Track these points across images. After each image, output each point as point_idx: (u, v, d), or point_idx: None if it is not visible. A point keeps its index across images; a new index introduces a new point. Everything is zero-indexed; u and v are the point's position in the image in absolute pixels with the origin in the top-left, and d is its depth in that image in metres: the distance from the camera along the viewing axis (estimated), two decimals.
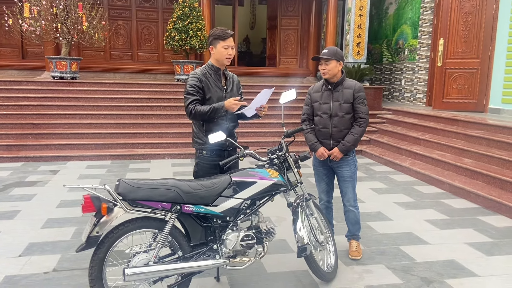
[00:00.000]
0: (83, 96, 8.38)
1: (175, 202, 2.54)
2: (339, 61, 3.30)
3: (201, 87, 2.96)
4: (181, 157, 7.33)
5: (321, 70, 3.35)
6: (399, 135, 7.85)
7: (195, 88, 2.94)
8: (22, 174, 5.93)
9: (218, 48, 2.98)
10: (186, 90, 2.96)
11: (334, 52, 3.29)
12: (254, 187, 2.75)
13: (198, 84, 2.95)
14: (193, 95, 2.94)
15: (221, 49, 2.98)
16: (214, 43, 3.00)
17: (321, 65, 3.33)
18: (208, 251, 2.69)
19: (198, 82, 2.96)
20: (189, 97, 2.94)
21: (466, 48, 7.85)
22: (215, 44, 2.99)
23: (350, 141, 3.35)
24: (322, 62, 3.31)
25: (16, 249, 3.53)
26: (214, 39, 2.99)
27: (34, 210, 4.47)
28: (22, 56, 10.81)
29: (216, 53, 3.01)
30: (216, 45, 2.99)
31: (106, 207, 2.39)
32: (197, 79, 2.96)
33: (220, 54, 2.99)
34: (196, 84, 2.95)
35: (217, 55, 3.01)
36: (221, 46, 2.97)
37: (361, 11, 10.02)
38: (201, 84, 2.96)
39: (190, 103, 2.92)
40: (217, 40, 2.98)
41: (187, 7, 9.23)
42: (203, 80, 2.98)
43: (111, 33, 10.71)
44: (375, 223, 4.37)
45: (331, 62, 3.28)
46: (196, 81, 2.96)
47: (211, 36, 3.01)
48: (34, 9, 8.41)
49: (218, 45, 2.98)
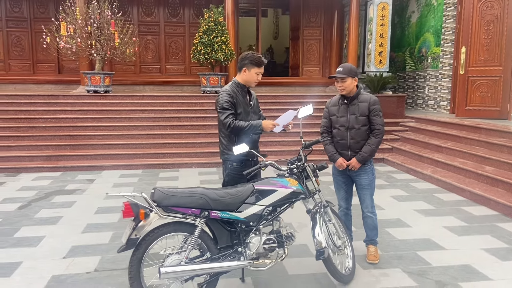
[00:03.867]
0: (115, 109, 8.86)
1: (203, 208, 2.82)
2: (354, 77, 3.53)
3: (233, 102, 3.27)
4: (207, 166, 7.66)
5: (338, 88, 3.58)
6: (422, 143, 7.93)
7: (228, 103, 3.25)
8: (61, 182, 6.38)
9: (251, 72, 3.30)
10: (221, 105, 3.25)
11: (349, 70, 3.52)
12: (275, 195, 3.00)
13: (231, 100, 3.26)
14: (228, 109, 3.24)
15: (254, 74, 3.31)
16: (248, 67, 3.30)
17: (337, 82, 3.56)
18: (234, 253, 2.95)
19: (230, 97, 3.26)
20: (225, 111, 3.24)
21: (489, 56, 7.88)
22: (249, 68, 3.30)
23: (367, 152, 3.56)
24: (338, 80, 3.53)
25: (60, 252, 3.89)
26: (250, 63, 3.29)
27: (75, 216, 4.87)
28: (58, 71, 11.47)
29: (247, 75, 3.32)
30: (250, 69, 3.30)
31: (144, 213, 2.69)
32: (229, 95, 3.27)
33: (251, 77, 3.32)
34: (229, 99, 3.25)
35: (249, 77, 3.33)
36: (255, 72, 3.31)
37: (383, 21, 10.18)
38: (233, 99, 3.27)
39: (227, 116, 3.22)
40: (252, 65, 3.29)
41: (212, 22, 9.62)
42: (234, 96, 3.29)
43: (141, 48, 11.24)
44: (394, 230, 4.53)
45: (347, 80, 3.51)
46: (228, 97, 3.26)
47: (247, 59, 3.31)
48: (70, 28, 8.98)
49: (252, 69, 3.30)
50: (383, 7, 10.06)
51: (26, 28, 11.19)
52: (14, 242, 4.10)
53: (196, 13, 11.68)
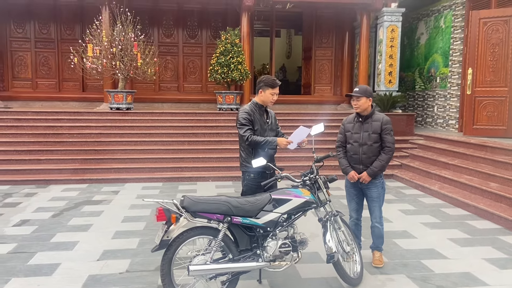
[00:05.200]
0: (137, 125, 9.37)
1: (226, 214, 3.19)
2: (368, 97, 3.91)
3: (251, 120, 3.70)
4: (223, 179, 8.05)
5: (353, 105, 3.98)
6: (430, 160, 8.22)
7: (246, 120, 3.68)
8: (88, 194, 6.83)
9: (266, 93, 3.74)
10: (240, 121, 3.69)
11: (364, 90, 3.91)
12: (290, 203, 3.37)
13: (249, 117, 3.69)
14: (247, 125, 3.67)
15: (269, 94, 3.74)
16: (264, 88, 3.74)
17: (353, 100, 3.96)
18: (253, 255, 3.31)
19: (248, 116, 3.70)
20: (243, 127, 3.67)
21: (494, 77, 8.21)
22: (264, 90, 3.73)
23: (377, 167, 3.91)
24: (354, 98, 3.93)
25: (94, 255, 4.29)
26: (265, 86, 3.73)
27: (104, 224, 5.28)
28: (82, 89, 12.09)
29: (263, 96, 3.75)
30: (265, 91, 3.73)
31: (175, 217, 3.08)
32: (247, 114, 3.70)
33: (267, 98, 3.76)
34: (247, 117, 3.69)
35: (264, 98, 3.76)
36: (270, 93, 3.74)
37: (392, 42, 10.58)
38: (251, 117, 3.70)
39: (245, 131, 3.65)
40: (267, 87, 3.73)
41: (229, 44, 10.15)
42: (251, 114, 3.71)
43: (161, 68, 11.83)
44: (401, 240, 4.83)
45: (362, 99, 3.89)
46: (247, 115, 3.70)
47: (262, 82, 3.75)
48: (96, 49, 9.59)
49: (267, 91, 3.73)
50: (392, 30, 10.48)
51: (54, 49, 11.88)
52: (51, 246, 4.51)
53: (213, 35, 12.28)
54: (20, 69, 11.81)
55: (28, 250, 4.38)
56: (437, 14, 10.80)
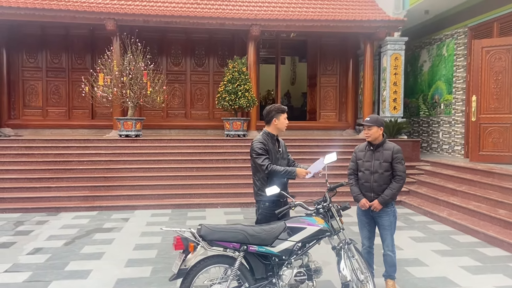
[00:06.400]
0: (145, 152, 9.50)
1: (243, 242, 3.25)
2: (379, 127, 4.02)
3: (266, 149, 3.79)
4: (232, 206, 8.09)
5: (365, 134, 4.08)
6: (437, 186, 8.25)
7: (262, 149, 3.78)
8: (99, 221, 6.88)
9: (281, 119, 3.86)
10: (256, 151, 3.78)
11: (375, 120, 4.02)
12: (304, 231, 3.43)
13: (264, 147, 3.80)
14: (264, 155, 3.77)
15: (283, 119, 3.87)
16: (277, 116, 3.86)
17: (365, 129, 4.07)
18: (268, 284, 3.35)
19: (263, 145, 3.80)
20: (261, 157, 3.75)
21: (499, 104, 8.33)
22: (278, 117, 3.85)
23: (388, 195, 3.98)
24: (365, 127, 4.04)
25: (108, 284, 4.32)
26: (277, 113, 3.86)
27: (116, 252, 5.32)
28: (91, 117, 12.28)
29: (279, 123, 3.87)
30: (279, 117, 3.86)
31: (193, 246, 3.14)
32: (262, 143, 3.81)
33: (282, 123, 3.88)
34: (263, 147, 3.79)
35: (280, 124, 3.88)
36: (283, 118, 3.87)
37: (396, 70, 10.80)
38: (265, 146, 3.80)
39: (264, 160, 3.73)
40: (279, 113, 3.86)
41: (236, 72, 10.38)
42: (265, 144, 3.82)
43: (170, 96, 12.06)
44: (412, 268, 4.84)
45: (373, 128, 4.00)
46: (262, 145, 3.80)
47: (273, 111, 3.87)
48: (107, 79, 9.83)
49: (280, 117, 3.86)
50: (396, 58, 10.72)
51: (64, 78, 12.15)
52: (66, 275, 4.55)
53: (220, 63, 12.55)
54: (31, 97, 12.04)
55: (43, 279, 4.42)
56: (439, 43, 11.04)
